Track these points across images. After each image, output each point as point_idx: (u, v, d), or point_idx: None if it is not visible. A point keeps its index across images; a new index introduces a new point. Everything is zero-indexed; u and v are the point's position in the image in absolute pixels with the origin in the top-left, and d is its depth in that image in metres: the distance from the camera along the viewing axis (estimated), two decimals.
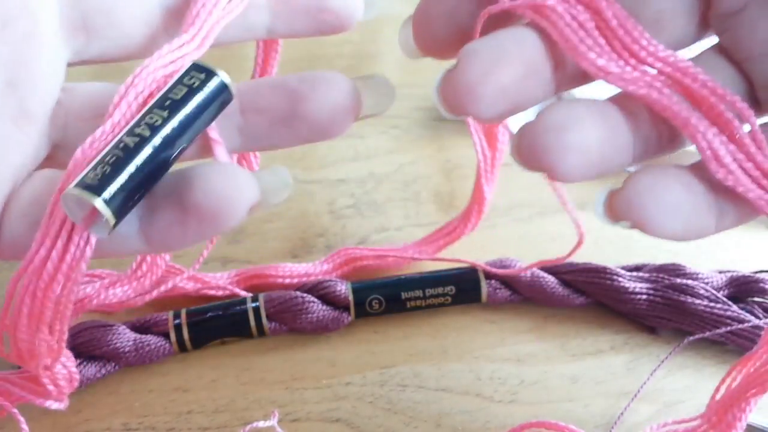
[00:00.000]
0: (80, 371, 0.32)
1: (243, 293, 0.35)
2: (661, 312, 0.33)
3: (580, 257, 0.35)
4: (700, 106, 0.21)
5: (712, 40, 0.23)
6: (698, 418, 0.27)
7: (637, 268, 0.35)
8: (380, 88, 0.24)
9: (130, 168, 0.20)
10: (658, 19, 0.22)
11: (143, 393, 0.33)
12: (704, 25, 0.22)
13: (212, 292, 0.36)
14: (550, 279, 0.34)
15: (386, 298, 0.34)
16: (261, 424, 0.30)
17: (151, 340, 0.33)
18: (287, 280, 0.36)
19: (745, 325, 0.32)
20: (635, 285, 0.34)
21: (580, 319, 0.35)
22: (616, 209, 0.21)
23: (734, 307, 0.33)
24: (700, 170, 0.21)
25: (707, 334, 0.33)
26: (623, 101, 0.22)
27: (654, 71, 0.21)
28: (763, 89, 0.22)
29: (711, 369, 0.33)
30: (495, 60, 0.20)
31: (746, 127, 0.21)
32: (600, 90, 0.23)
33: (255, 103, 0.24)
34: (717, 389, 0.26)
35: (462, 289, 0.35)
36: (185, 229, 0.22)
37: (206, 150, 0.23)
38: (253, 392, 0.33)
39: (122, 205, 0.20)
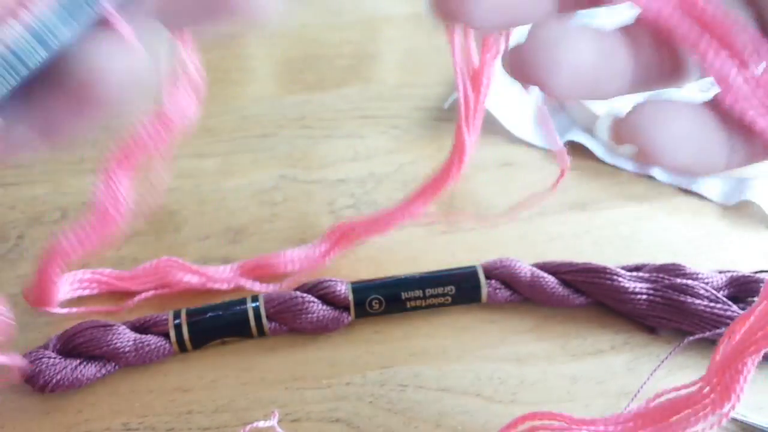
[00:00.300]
0: (80, 371, 0.32)
1: (247, 284, 0.36)
2: (661, 312, 0.33)
3: (581, 257, 0.35)
4: (713, 32, 0.20)
5: None
6: (698, 382, 0.26)
7: (637, 268, 0.35)
8: None
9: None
10: None
11: (143, 393, 0.33)
12: None
13: (216, 286, 0.36)
14: (550, 279, 0.34)
15: (386, 298, 0.34)
16: (261, 424, 0.30)
17: (151, 340, 0.33)
18: (289, 267, 0.37)
19: None
20: (635, 285, 0.34)
21: (580, 319, 0.35)
22: (622, 131, 0.21)
23: (734, 307, 0.33)
24: (713, 105, 0.21)
25: (707, 334, 0.33)
26: (627, 28, 0.21)
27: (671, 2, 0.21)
28: None
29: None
30: None
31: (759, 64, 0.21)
32: (608, 19, 0.22)
33: None
34: (716, 351, 0.26)
35: (462, 289, 0.35)
36: (75, 111, 0.20)
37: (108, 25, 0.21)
38: (253, 392, 0.33)
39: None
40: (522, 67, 0.20)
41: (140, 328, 0.33)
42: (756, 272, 0.34)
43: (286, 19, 0.53)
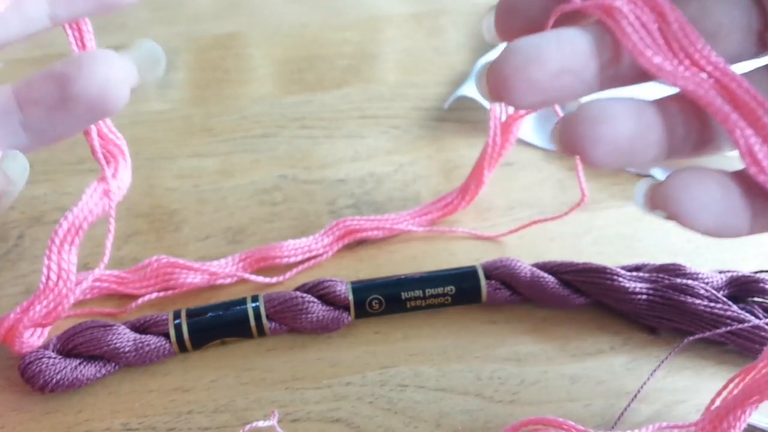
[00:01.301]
0: (80, 371, 0.32)
1: (252, 277, 0.36)
2: (661, 312, 0.33)
3: (581, 257, 0.35)
4: (742, 110, 0.22)
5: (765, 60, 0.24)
6: (692, 425, 0.27)
7: (637, 268, 0.35)
8: (150, 55, 0.26)
9: None
10: (715, 32, 0.23)
11: (143, 393, 0.33)
12: (761, 44, 0.24)
13: (219, 281, 0.36)
14: (550, 279, 0.34)
15: (386, 298, 0.34)
16: (261, 424, 0.30)
17: (151, 340, 0.33)
18: (292, 259, 0.37)
19: (745, 325, 0.32)
20: (635, 285, 0.34)
21: (580, 319, 0.35)
22: (655, 199, 0.23)
23: (734, 307, 0.33)
24: (740, 176, 0.23)
25: (707, 334, 0.33)
26: (663, 102, 0.24)
27: (704, 75, 0.23)
28: None
29: (711, 369, 0.33)
30: (529, 57, 0.22)
31: None
32: (648, 92, 0.25)
33: (29, 96, 0.24)
34: (714, 399, 0.27)
35: (462, 289, 0.35)
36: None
37: None
38: (254, 392, 0.33)
39: None
40: (567, 140, 0.23)
41: (140, 328, 0.33)
42: (756, 272, 0.34)
43: (287, 19, 0.53)
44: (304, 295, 0.34)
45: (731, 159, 0.24)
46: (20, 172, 0.25)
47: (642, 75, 0.24)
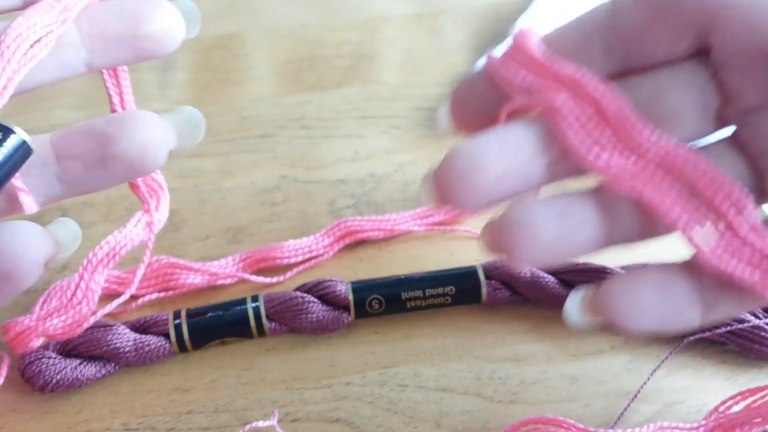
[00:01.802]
0: (80, 371, 0.32)
1: (252, 278, 0.36)
2: None
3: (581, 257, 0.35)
4: (698, 193, 0.22)
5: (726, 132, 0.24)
6: (695, 428, 0.27)
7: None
8: (190, 120, 0.26)
9: None
10: (671, 116, 0.23)
11: (143, 393, 0.33)
12: (720, 120, 0.24)
13: (220, 282, 0.37)
14: (550, 279, 0.34)
15: (386, 298, 0.34)
16: (261, 424, 0.30)
17: (151, 340, 0.33)
18: (292, 259, 0.37)
19: (745, 325, 0.32)
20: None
21: None
22: (592, 309, 0.23)
23: None
24: (689, 266, 0.23)
25: (707, 334, 0.33)
26: (598, 193, 0.24)
27: (651, 164, 0.23)
28: None
29: (711, 369, 0.33)
30: (470, 163, 0.23)
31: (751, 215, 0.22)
32: None
33: (68, 151, 0.25)
34: (717, 407, 0.27)
35: (462, 289, 0.35)
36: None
37: (14, 202, 0.24)
38: (254, 392, 0.33)
39: None
40: (493, 244, 0.24)
41: (140, 328, 0.33)
42: None
43: (286, 19, 0.53)
44: (304, 295, 0.34)
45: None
46: (71, 238, 0.26)
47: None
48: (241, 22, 0.53)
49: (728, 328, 0.32)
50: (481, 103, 0.26)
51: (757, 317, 0.33)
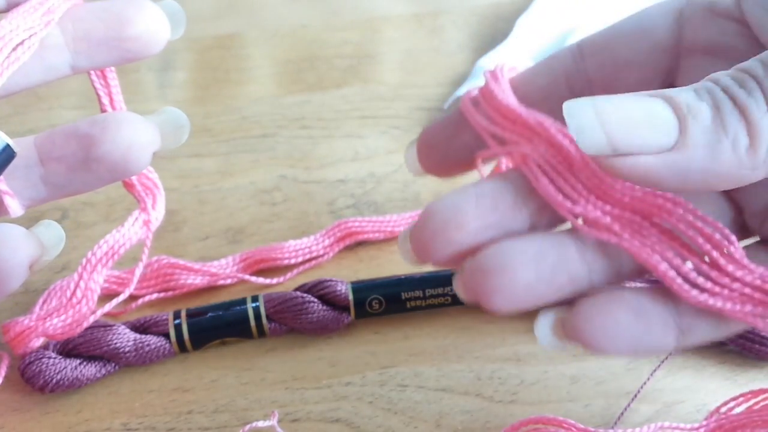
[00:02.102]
0: (80, 371, 0.32)
1: (252, 278, 0.36)
2: None
3: None
4: (678, 235, 0.22)
5: None
6: (695, 428, 0.27)
7: None
8: (174, 121, 0.26)
9: None
10: None
11: (143, 393, 0.33)
12: (743, 231, 0.24)
13: (220, 282, 0.37)
14: None
15: (386, 298, 0.34)
16: (261, 424, 0.30)
17: (151, 340, 0.33)
18: (292, 260, 0.37)
19: None
20: (635, 284, 0.33)
21: None
22: (563, 332, 0.23)
23: None
24: (666, 290, 0.22)
25: None
26: (576, 235, 0.23)
27: (627, 211, 0.22)
28: (753, 216, 0.24)
29: (711, 369, 0.33)
30: (447, 220, 0.22)
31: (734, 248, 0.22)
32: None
33: (51, 153, 0.25)
34: (718, 408, 0.27)
35: None
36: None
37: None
38: (253, 392, 0.33)
39: None
40: (468, 290, 0.23)
41: (140, 328, 0.33)
42: None
43: (286, 19, 0.53)
44: (304, 295, 0.34)
45: None
46: (55, 240, 0.26)
47: None
48: (241, 22, 0.53)
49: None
50: (448, 147, 0.26)
51: None
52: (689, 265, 0.22)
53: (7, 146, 0.23)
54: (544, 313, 0.23)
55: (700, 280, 0.22)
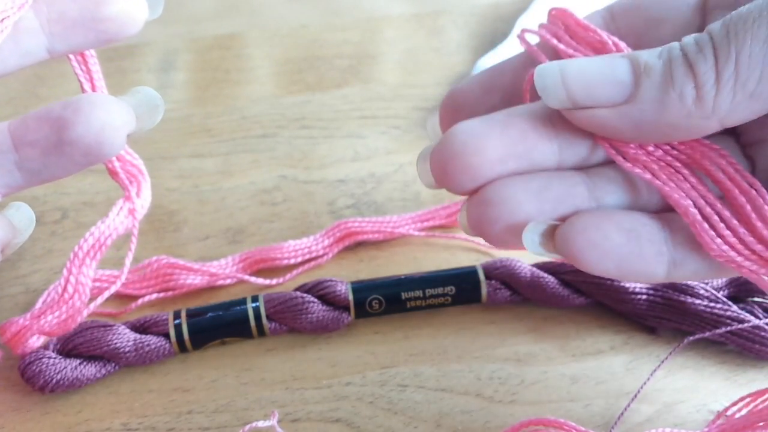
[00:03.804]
0: (80, 371, 0.32)
1: (251, 279, 0.36)
2: (661, 312, 0.33)
3: None
4: (716, 183, 0.22)
5: None
6: None
7: None
8: (148, 101, 0.25)
9: None
10: None
11: (143, 393, 0.33)
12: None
13: (219, 282, 0.37)
14: (550, 279, 0.34)
15: (386, 298, 0.34)
16: (261, 424, 0.30)
17: (151, 340, 0.33)
18: (291, 260, 0.37)
19: (745, 325, 0.32)
20: (635, 285, 0.34)
21: (580, 319, 0.35)
22: (552, 244, 0.22)
23: (734, 307, 0.33)
24: (665, 219, 0.23)
25: (707, 334, 0.33)
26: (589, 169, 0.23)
27: (668, 154, 0.23)
28: (763, 172, 0.24)
29: (711, 369, 0.33)
30: (467, 145, 0.22)
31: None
32: None
33: (24, 137, 0.24)
34: (722, 413, 0.27)
35: (462, 289, 0.35)
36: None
37: None
38: (253, 392, 0.33)
39: None
40: (470, 222, 0.23)
41: (140, 328, 0.33)
42: None
43: (286, 19, 0.53)
44: (304, 295, 0.34)
45: None
46: (26, 223, 0.26)
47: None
48: (241, 22, 0.53)
49: (728, 328, 0.32)
50: (474, 111, 0.25)
51: (757, 317, 0.33)
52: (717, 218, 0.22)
53: None
54: (534, 223, 0.23)
55: (727, 232, 0.22)
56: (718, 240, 0.22)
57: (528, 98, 0.26)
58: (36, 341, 0.33)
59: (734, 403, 0.28)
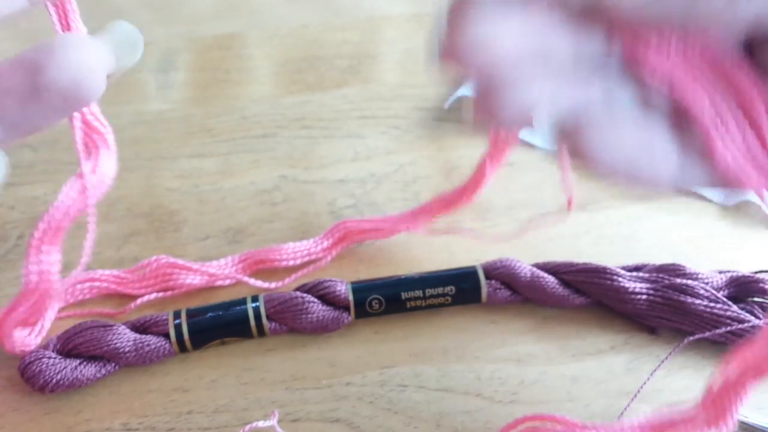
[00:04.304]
0: (80, 371, 0.32)
1: (251, 281, 0.36)
2: (661, 312, 0.33)
3: (581, 257, 0.35)
4: (735, 95, 0.21)
5: None
6: (695, 408, 0.27)
7: (637, 268, 0.35)
8: (126, 38, 0.24)
9: None
10: None
11: (143, 393, 0.33)
12: None
13: (219, 282, 0.37)
14: (550, 279, 0.34)
15: (386, 298, 0.34)
16: (261, 424, 0.30)
17: (151, 340, 0.33)
18: (291, 262, 0.37)
19: (745, 325, 0.32)
20: (635, 285, 0.34)
21: (580, 319, 0.35)
22: (563, 135, 0.21)
23: (734, 307, 0.33)
24: (678, 120, 0.21)
25: (707, 334, 0.33)
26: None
27: (692, 61, 0.21)
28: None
29: (711, 369, 0.33)
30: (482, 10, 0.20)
31: None
32: None
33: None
34: (714, 380, 0.26)
35: (462, 289, 0.35)
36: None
37: None
38: (253, 392, 0.33)
39: None
40: (476, 108, 0.21)
41: (140, 328, 0.33)
42: (756, 272, 0.34)
43: (286, 19, 0.53)
44: (304, 295, 0.34)
45: None
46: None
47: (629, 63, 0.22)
48: (241, 22, 0.53)
49: (728, 328, 0.32)
50: None
51: (757, 317, 0.33)
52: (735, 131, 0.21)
53: None
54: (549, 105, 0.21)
55: (741, 147, 0.21)
56: (730, 154, 0.21)
57: None
58: (33, 339, 0.33)
59: (721, 368, 0.28)
